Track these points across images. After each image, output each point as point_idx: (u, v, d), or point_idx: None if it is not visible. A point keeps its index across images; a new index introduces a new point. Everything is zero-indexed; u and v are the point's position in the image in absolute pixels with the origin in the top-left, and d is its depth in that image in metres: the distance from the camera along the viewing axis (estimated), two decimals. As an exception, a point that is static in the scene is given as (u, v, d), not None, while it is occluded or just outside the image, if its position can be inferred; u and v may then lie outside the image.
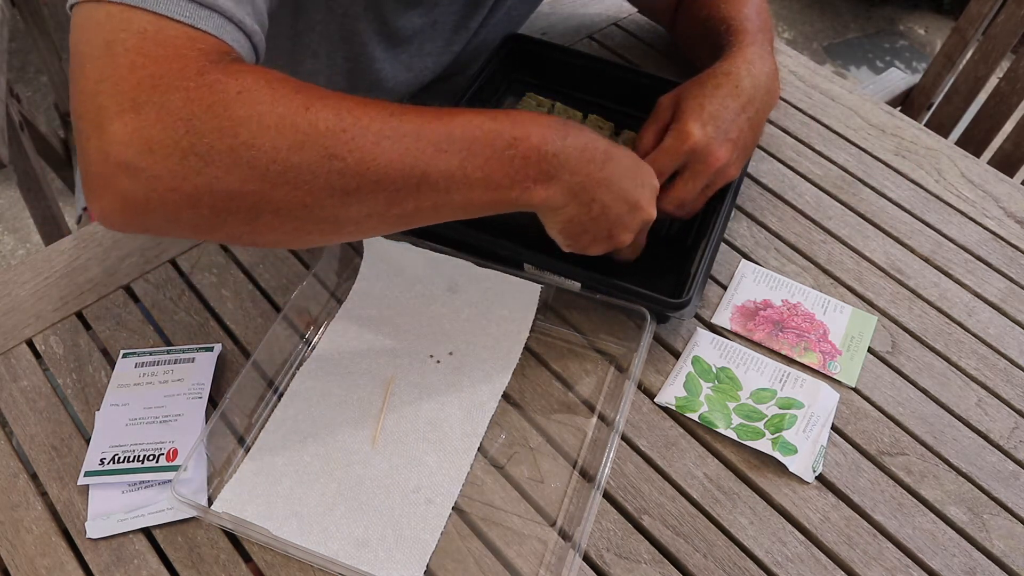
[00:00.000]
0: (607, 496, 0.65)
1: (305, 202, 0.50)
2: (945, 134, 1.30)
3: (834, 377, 0.73)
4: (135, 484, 0.62)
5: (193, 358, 0.69)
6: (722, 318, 0.77)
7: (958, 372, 0.75)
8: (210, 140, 0.47)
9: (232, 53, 0.51)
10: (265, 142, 0.48)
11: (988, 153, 1.26)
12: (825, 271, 0.82)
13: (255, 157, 0.48)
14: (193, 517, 0.61)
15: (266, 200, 0.50)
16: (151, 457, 0.63)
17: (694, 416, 0.69)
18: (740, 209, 0.86)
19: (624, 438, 0.68)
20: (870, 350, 0.76)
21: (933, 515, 0.66)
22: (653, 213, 0.67)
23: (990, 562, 0.64)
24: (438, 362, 0.71)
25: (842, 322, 0.77)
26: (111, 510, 0.61)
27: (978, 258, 0.85)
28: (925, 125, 1.19)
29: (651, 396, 0.71)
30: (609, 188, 0.62)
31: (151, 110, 0.47)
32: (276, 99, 0.49)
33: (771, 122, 0.95)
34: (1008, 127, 1.26)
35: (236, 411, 0.65)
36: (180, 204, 0.49)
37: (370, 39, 0.78)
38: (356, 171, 0.50)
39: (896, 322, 0.78)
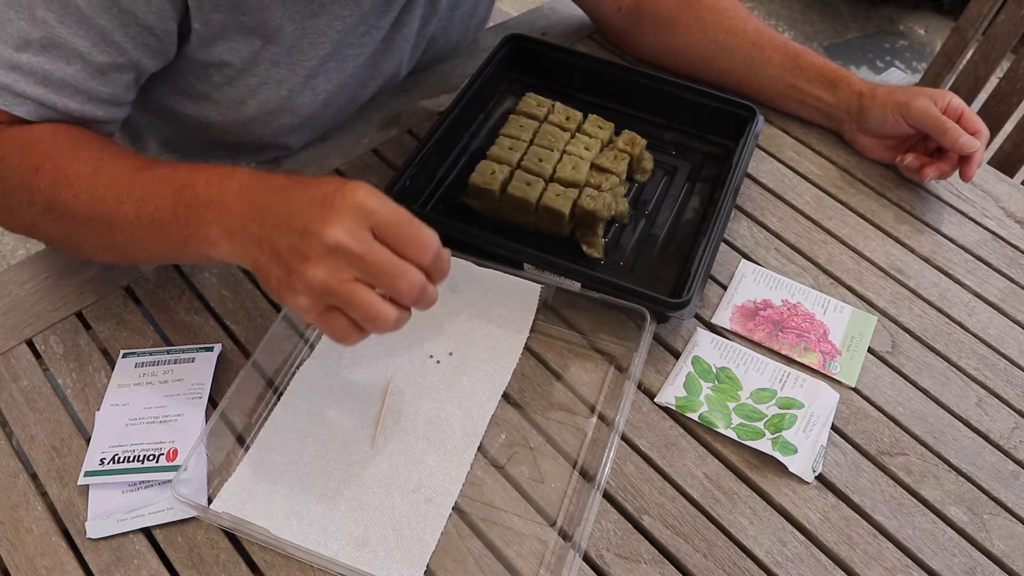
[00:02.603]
0: (607, 496, 0.65)
1: (50, 237, 0.69)
2: (945, 134, 1.29)
3: (834, 377, 0.73)
4: (135, 484, 0.62)
5: (193, 358, 0.69)
6: (722, 318, 0.77)
7: (958, 372, 0.75)
8: None
9: (21, 120, 0.65)
10: (12, 196, 0.65)
11: (988, 153, 1.26)
12: (825, 271, 0.82)
13: (12, 208, 0.66)
14: (193, 517, 0.61)
15: (32, 232, 0.69)
16: (151, 457, 0.63)
17: (694, 416, 0.69)
18: (740, 209, 0.86)
19: (624, 438, 0.68)
20: (870, 350, 0.76)
21: (933, 515, 0.66)
22: (334, 236, 0.52)
23: (990, 562, 0.64)
24: (438, 362, 0.71)
25: (842, 322, 0.77)
26: (111, 510, 0.61)
27: (978, 258, 0.85)
28: (925, 125, 1.19)
29: (651, 396, 0.71)
30: (274, 221, 0.55)
31: None
32: (20, 163, 0.64)
33: (771, 122, 0.95)
34: (1008, 127, 1.25)
35: (236, 411, 0.65)
36: (4, 227, 0.69)
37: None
38: (67, 219, 0.64)
39: (896, 322, 0.78)
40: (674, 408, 0.70)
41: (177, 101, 0.76)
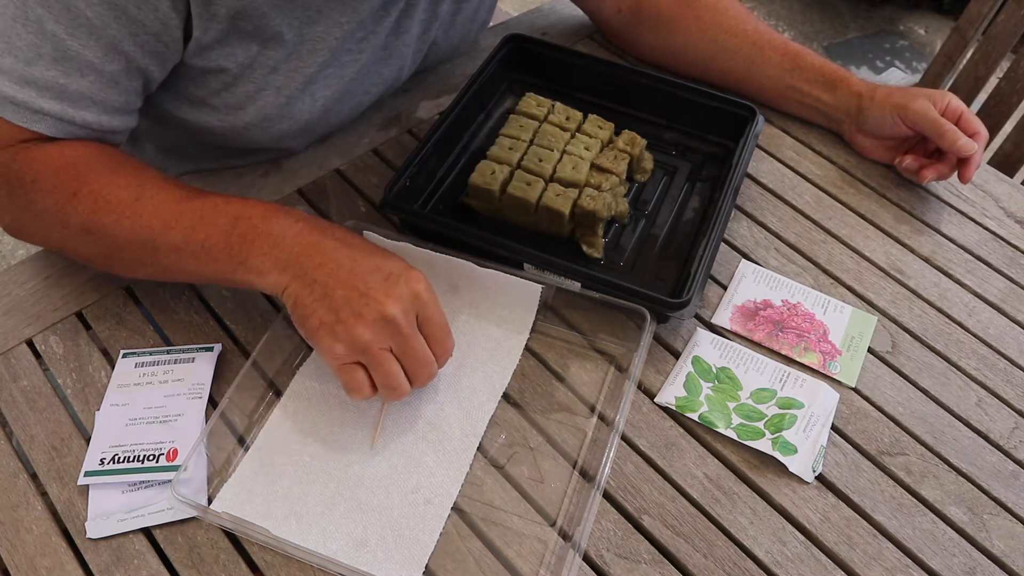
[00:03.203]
0: (607, 496, 0.65)
1: (82, 255, 0.70)
2: (945, 134, 1.30)
3: (834, 377, 0.73)
4: (135, 484, 0.62)
5: (193, 358, 0.69)
6: (722, 318, 0.77)
7: (958, 372, 0.75)
8: (19, 211, 0.68)
9: (44, 138, 0.66)
10: (47, 217, 0.66)
11: (988, 153, 1.26)
12: (825, 271, 0.82)
13: (46, 227, 0.68)
14: (193, 517, 0.61)
15: (62, 250, 0.72)
16: (151, 457, 0.63)
17: (694, 416, 0.69)
18: (740, 209, 0.86)
19: (624, 438, 0.68)
20: (870, 350, 0.76)
21: (933, 515, 0.66)
22: (392, 310, 0.59)
23: (990, 562, 0.64)
24: (438, 362, 0.71)
25: (842, 322, 0.77)
26: (111, 510, 0.61)
27: (978, 258, 0.85)
28: (925, 125, 1.19)
29: (651, 396, 0.71)
30: (334, 271, 0.61)
31: None
32: (55, 186, 0.65)
33: (771, 122, 0.95)
34: (1008, 127, 1.25)
35: (236, 411, 0.65)
36: (21, 238, 0.72)
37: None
38: (105, 241, 0.66)
39: (896, 322, 0.78)
40: (674, 408, 0.70)
41: (175, 107, 0.76)
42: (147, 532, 0.61)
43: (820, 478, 0.67)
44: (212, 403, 0.67)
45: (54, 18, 0.61)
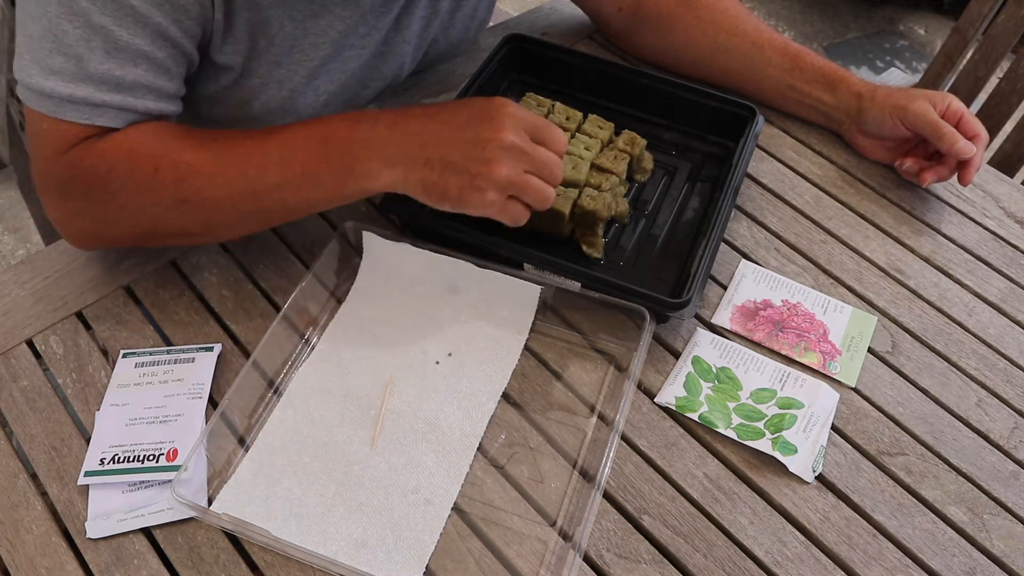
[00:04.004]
0: (607, 496, 0.65)
1: (180, 230, 0.69)
2: (945, 134, 1.29)
3: (834, 377, 0.73)
4: (135, 484, 0.62)
5: (193, 358, 0.69)
6: (722, 318, 0.77)
7: (958, 372, 0.75)
8: (101, 208, 0.67)
9: (105, 130, 0.66)
10: (132, 203, 0.66)
11: (988, 153, 1.26)
12: (825, 271, 0.82)
13: (133, 214, 0.67)
14: (193, 517, 0.61)
15: (153, 234, 0.70)
16: (151, 457, 0.63)
17: (694, 416, 0.69)
18: (740, 209, 0.86)
19: (624, 438, 0.68)
20: (870, 350, 0.76)
21: (933, 515, 0.66)
22: (509, 138, 0.64)
23: (990, 562, 0.64)
24: (437, 363, 0.71)
25: (842, 322, 0.77)
26: (111, 510, 0.61)
27: (978, 258, 0.85)
28: (925, 125, 1.19)
29: (651, 396, 0.71)
30: (438, 141, 0.65)
31: (63, 192, 0.67)
32: (132, 169, 0.65)
33: (771, 122, 0.95)
34: (1008, 127, 1.25)
35: (236, 411, 0.65)
36: (104, 245, 0.73)
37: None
38: (202, 206, 0.66)
39: (896, 322, 0.78)
40: (674, 408, 0.70)
41: (187, 101, 0.77)
42: (147, 532, 0.61)
43: (820, 478, 0.67)
44: (212, 403, 0.67)
45: (99, 10, 0.61)
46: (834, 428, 0.70)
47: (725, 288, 0.79)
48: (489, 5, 0.94)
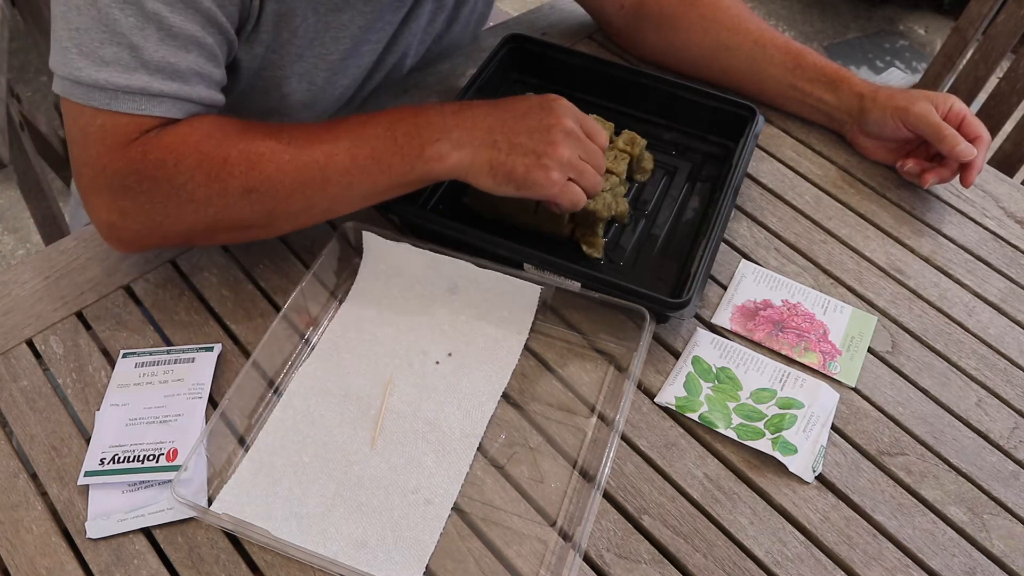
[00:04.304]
0: (607, 496, 0.65)
1: (243, 222, 0.68)
2: (945, 134, 1.29)
3: (834, 377, 0.73)
4: (135, 484, 0.62)
5: (193, 358, 0.69)
6: (722, 318, 0.77)
7: (958, 372, 0.75)
8: (163, 203, 0.65)
9: (165, 122, 0.65)
10: (199, 194, 0.65)
11: (988, 153, 1.26)
12: (825, 271, 0.82)
13: (197, 207, 0.65)
14: (193, 517, 0.61)
15: (213, 228, 0.68)
16: (151, 457, 0.63)
17: (694, 416, 0.69)
18: (740, 209, 0.86)
19: (624, 438, 0.68)
20: (870, 350, 0.76)
21: (933, 515, 0.66)
22: (569, 124, 0.70)
23: (990, 562, 0.64)
24: (437, 363, 0.71)
25: (842, 322, 0.77)
26: (111, 510, 0.61)
27: (978, 258, 0.85)
28: (925, 125, 1.19)
29: (651, 396, 0.71)
30: (503, 126, 0.69)
31: (121, 189, 0.64)
32: (201, 160, 0.64)
33: (771, 122, 0.95)
34: (1008, 127, 1.25)
35: (236, 411, 0.65)
36: (153, 244, 0.71)
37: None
38: (270, 194, 0.66)
39: (896, 322, 0.78)
40: (674, 408, 0.70)
41: None
42: (147, 532, 0.61)
43: (820, 478, 0.67)
44: (212, 403, 0.67)
45: None
46: (834, 428, 0.70)
47: (725, 288, 0.79)
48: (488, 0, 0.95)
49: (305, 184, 0.66)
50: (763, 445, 0.67)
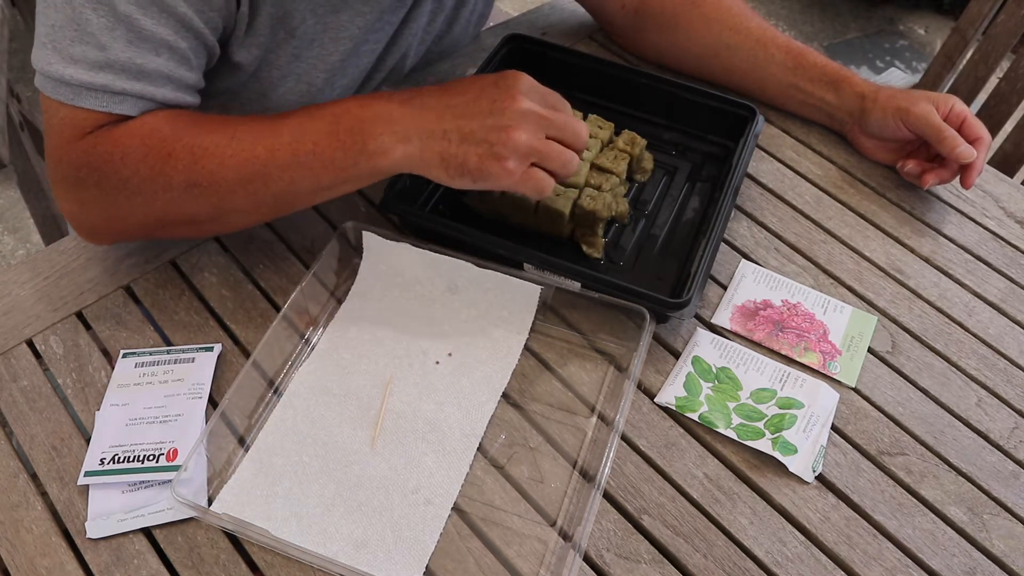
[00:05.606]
0: (607, 496, 0.65)
1: (191, 216, 0.68)
2: (945, 134, 1.29)
3: (834, 377, 0.73)
4: (135, 484, 0.62)
5: (193, 358, 0.69)
6: (722, 318, 0.77)
7: (958, 372, 0.75)
8: (113, 196, 0.66)
9: (121, 119, 0.65)
10: (145, 187, 0.65)
11: (988, 153, 1.26)
12: (825, 271, 0.82)
13: (145, 200, 0.66)
14: (193, 517, 0.61)
15: (164, 222, 0.69)
16: (151, 457, 0.63)
17: (694, 416, 0.69)
18: (740, 209, 0.86)
19: (624, 438, 0.68)
20: (870, 350, 0.76)
21: (933, 515, 0.66)
22: (525, 104, 0.64)
23: (990, 562, 0.64)
24: (437, 363, 0.71)
25: (842, 322, 0.77)
26: (111, 510, 0.61)
27: (978, 258, 0.85)
28: (925, 125, 1.19)
29: (651, 396, 0.71)
30: (454, 113, 0.64)
31: (76, 181, 0.66)
32: (146, 153, 0.64)
33: (771, 122, 0.95)
34: (1008, 127, 1.25)
35: (236, 411, 0.65)
36: (115, 235, 0.72)
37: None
38: (213, 189, 0.65)
39: (896, 322, 0.78)
40: (674, 408, 0.70)
41: (203, 96, 0.77)
42: (147, 532, 0.61)
43: (820, 478, 0.67)
44: (212, 403, 0.67)
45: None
46: (834, 428, 0.70)
47: (725, 288, 0.79)
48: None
49: (247, 180, 0.65)
50: (763, 445, 0.67)
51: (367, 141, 0.64)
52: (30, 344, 0.70)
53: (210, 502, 0.61)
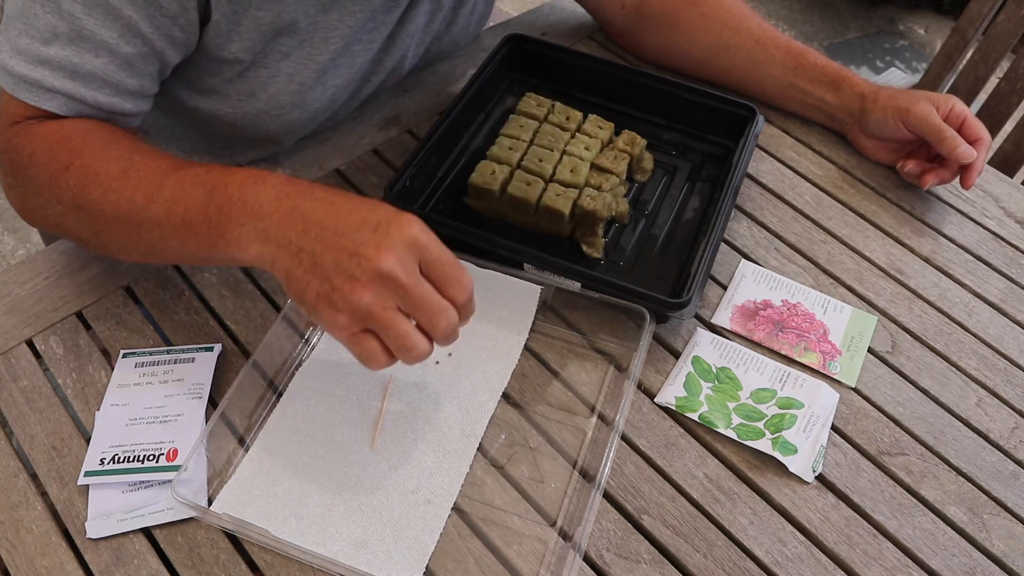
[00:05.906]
0: (607, 496, 0.65)
1: (75, 234, 0.68)
2: (945, 134, 1.29)
3: (834, 377, 0.73)
4: (135, 484, 0.62)
5: (193, 358, 0.69)
6: (722, 318, 0.77)
7: (958, 372, 0.75)
8: (23, 189, 0.67)
9: (50, 115, 0.66)
10: (43, 192, 0.65)
11: (988, 153, 1.26)
12: (825, 271, 0.82)
13: (44, 203, 0.66)
14: (193, 517, 0.61)
15: (63, 230, 0.69)
16: (151, 457, 0.63)
17: (694, 416, 0.69)
18: (740, 209, 0.86)
19: (624, 438, 0.68)
20: (870, 350, 0.76)
21: (933, 515, 0.66)
22: (387, 264, 0.53)
23: (990, 562, 0.64)
24: (437, 363, 0.71)
25: (842, 322, 0.77)
26: (111, 510, 0.61)
27: (978, 258, 0.85)
28: (925, 125, 1.19)
29: (651, 396, 0.71)
30: (318, 234, 0.55)
31: (2, 163, 0.68)
32: (49, 160, 0.64)
33: (771, 122, 0.95)
34: (1008, 127, 1.25)
35: (236, 411, 0.65)
36: (35, 224, 0.72)
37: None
38: (94, 218, 0.64)
39: (896, 322, 0.78)
40: (674, 408, 0.70)
41: (187, 95, 0.77)
42: (147, 532, 0.61)
43: (820, 478, 0.67)
44: (212, 403, 0.67)
45: None
46: (834, 428, 0.70)
47: (725, 288, 0.79)
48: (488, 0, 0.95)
49: (121, 221, 0.62)
50: (763, 445, 0.67)
51: (229, 227, 0.58)
52: (30, 344, 0.71)
53: (210, 502, 0.61)
